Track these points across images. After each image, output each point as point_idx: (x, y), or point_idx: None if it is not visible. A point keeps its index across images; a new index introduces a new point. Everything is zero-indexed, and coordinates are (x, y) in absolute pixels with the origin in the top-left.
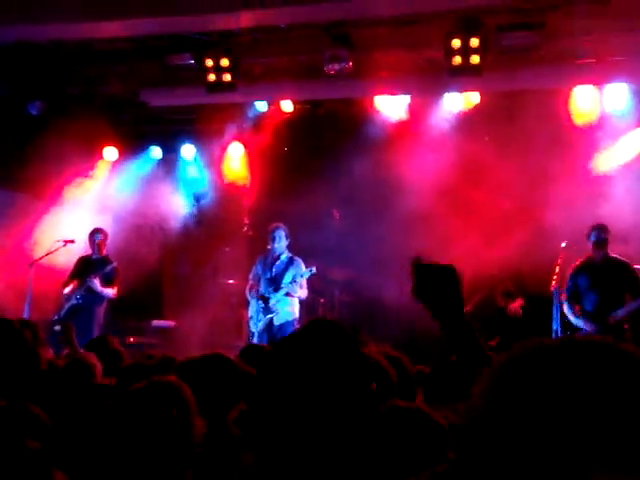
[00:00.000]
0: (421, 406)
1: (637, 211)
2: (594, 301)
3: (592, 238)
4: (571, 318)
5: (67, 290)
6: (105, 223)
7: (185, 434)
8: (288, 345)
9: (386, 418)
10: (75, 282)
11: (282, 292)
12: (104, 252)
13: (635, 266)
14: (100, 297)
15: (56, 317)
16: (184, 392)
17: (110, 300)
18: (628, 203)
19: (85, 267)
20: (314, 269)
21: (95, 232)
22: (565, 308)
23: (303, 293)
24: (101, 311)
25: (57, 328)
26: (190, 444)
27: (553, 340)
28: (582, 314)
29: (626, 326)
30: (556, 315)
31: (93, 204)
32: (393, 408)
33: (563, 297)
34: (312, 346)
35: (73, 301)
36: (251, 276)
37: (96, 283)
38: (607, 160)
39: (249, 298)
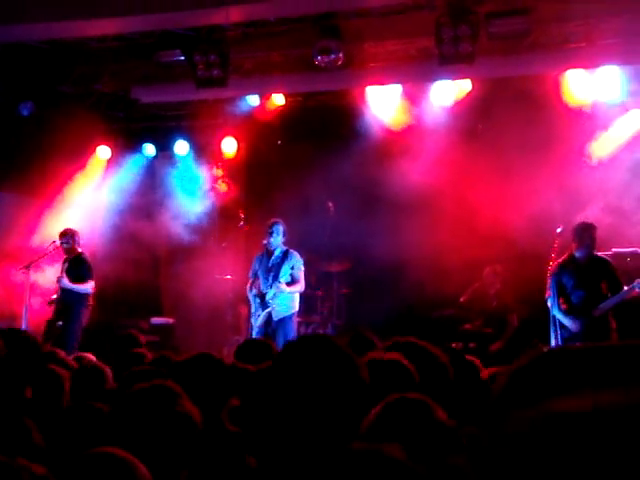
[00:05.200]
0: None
1: (631, 194)
2: (580, 296)
3: (585, 238)
4: (555, 313)
5: (55, 296)
6: (100, 221)
7: (182, 437)
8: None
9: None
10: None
11: (272, 291)
12: (78, 250)
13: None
14: (80, 297)
15: (49, 320)
16: (180, 395)
17: (107, 300)
18: (623, 186)
19: (65, 268)
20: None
21: (61, 236)
22: (549, 303)
23: (297, 287)
24: (83, 311)
25: (59, 324)
26: (187, 446)
27: None
28: (567, 309)
29: (612, 319)
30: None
31: (88, 203)
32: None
33: (547, 294)
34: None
35: (54, 303)
36: (250, 274)
37: (64, 281)
38: (601, 144)
39: (249, 296)
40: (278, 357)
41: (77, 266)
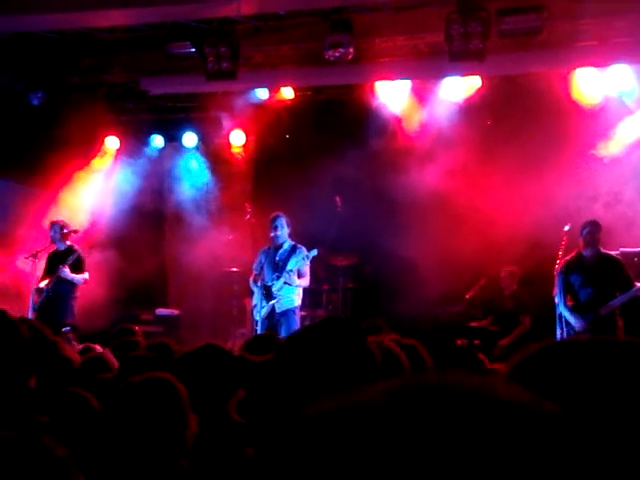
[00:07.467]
0: None
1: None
2: (588, 294)
3: (586, 235)
4: (562, 311)
5: (42, 285)
6: (107, 212)
7: (178, 430)
8: (299, 340)
9: None
10: (48, 278)
11: (281, 281)
12: (67, 242)
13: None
14: (71, 287)
15: (30, 312)
16: (178, 388)
17: (113, 290)
18: (632, 186)
19: (54, 261)
20: (316, 251)
21: (51, 226)
22: (557, 300)
23: (304, 282)
24: (73, 301)
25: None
26: (182, 438)
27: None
28: (574, 306)
29: (619, 317)
30: (560, 300)
31: (96, 194)
32: None
33: (554, 292)
34: (322, 341)
35: (44, 294)
36: (255, 266)
37: (66, 271)
38: (611, 143)
39: (253, 288)
40: (292, 338)
41: (70, 258)
